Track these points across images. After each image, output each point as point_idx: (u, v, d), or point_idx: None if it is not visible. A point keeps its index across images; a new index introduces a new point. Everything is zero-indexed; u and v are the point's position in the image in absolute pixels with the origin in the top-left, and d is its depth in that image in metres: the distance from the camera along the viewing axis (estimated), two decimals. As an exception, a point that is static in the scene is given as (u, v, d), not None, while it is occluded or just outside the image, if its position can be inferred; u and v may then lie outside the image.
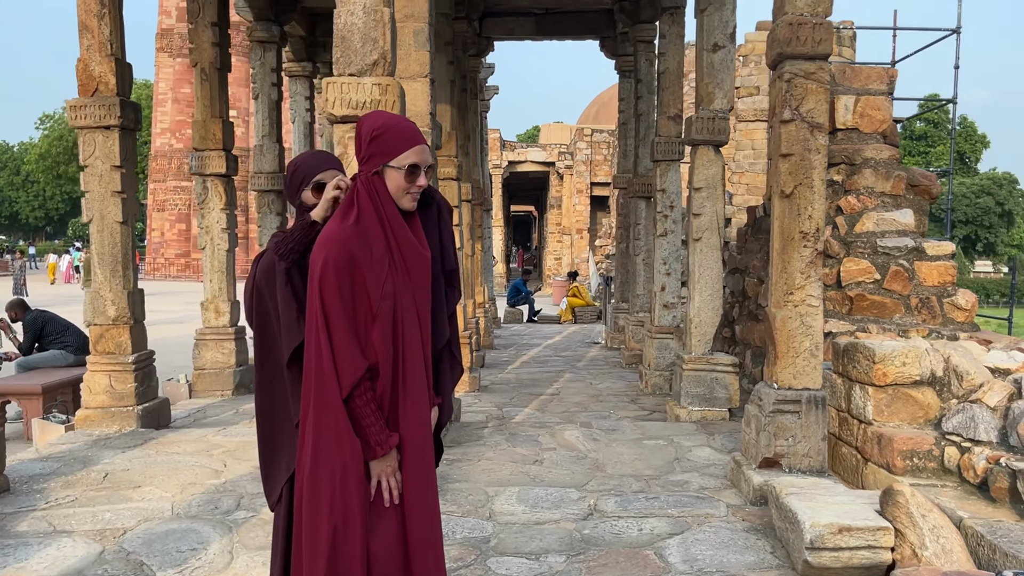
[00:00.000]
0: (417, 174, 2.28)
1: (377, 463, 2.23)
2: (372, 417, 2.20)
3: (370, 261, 2.20)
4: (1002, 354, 4.48)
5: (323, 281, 2.18)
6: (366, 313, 2.21)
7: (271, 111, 10.19)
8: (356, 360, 2.17)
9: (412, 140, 2.28)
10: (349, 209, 2.26)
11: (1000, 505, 3.71)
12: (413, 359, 2.27)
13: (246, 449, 5.81)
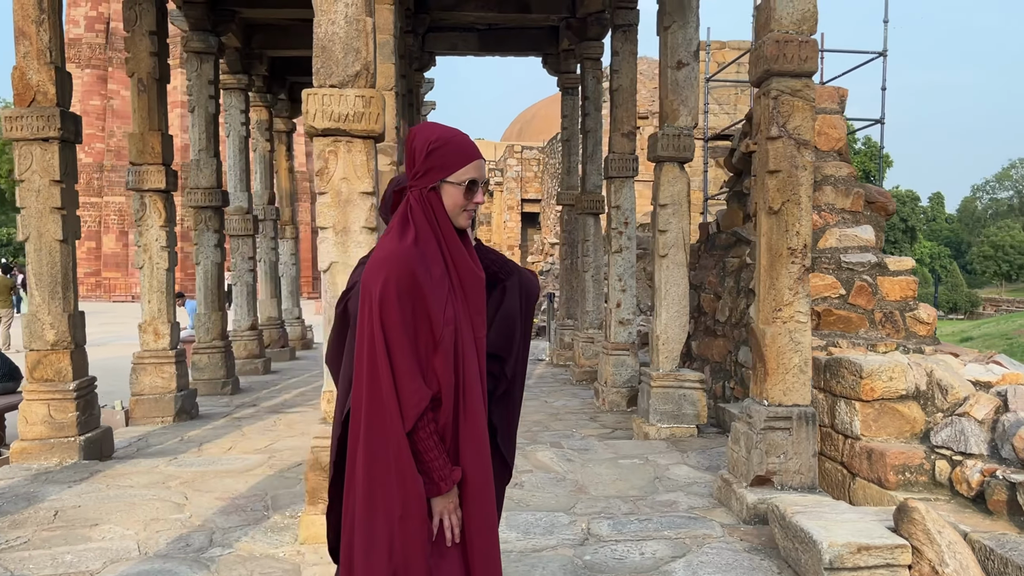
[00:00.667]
0: (475, 190, 2.17)
1: (440, 500, 2.07)
2: (436, 451, 2.04)
3: (431, 283, 2.05)
4: (980, 367, 4.58)
5: (384, 304, 2.00)
6: (427, 339, 2.05)
7: (208, 124, 9.83)
8: (420, 390, 2.01)
9: (472, 154, 2.16)
10: (405, 227, 2.10)
11: (998, 518, 3.76)
12: (473, 388, 2.12)
13: (205, 479, 5.50)
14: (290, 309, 14.96)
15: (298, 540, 4.22)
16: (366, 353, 2.05)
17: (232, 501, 4.99)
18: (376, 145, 4.39)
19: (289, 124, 15.12)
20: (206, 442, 6.86)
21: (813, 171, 4.42)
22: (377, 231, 4.37)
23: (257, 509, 4.83)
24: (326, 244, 4.27)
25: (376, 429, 2.01)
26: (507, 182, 27.97)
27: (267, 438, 7.03)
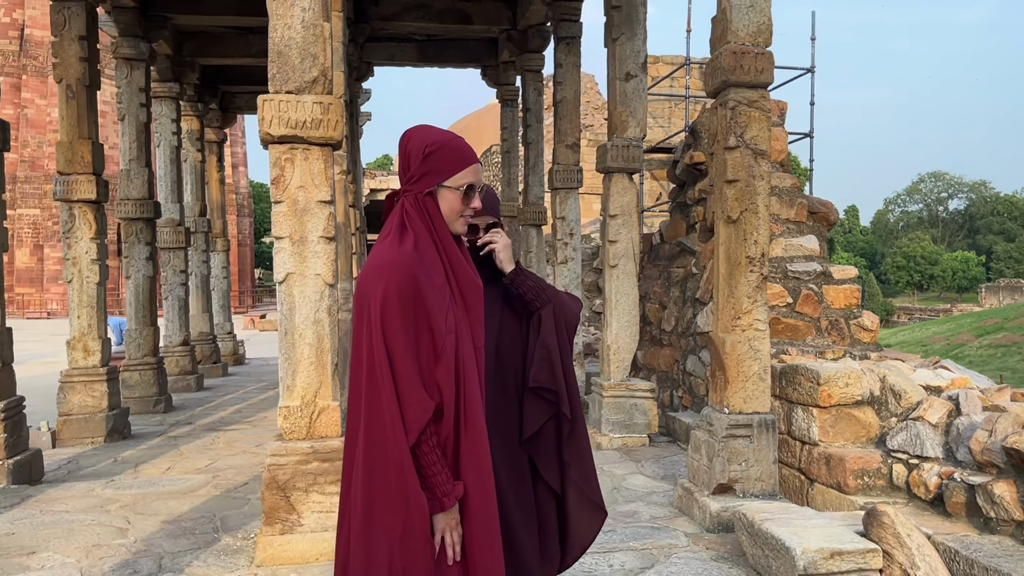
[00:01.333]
0: (473, 195, 2.10)
1: (443, 516, 1.97)
2: (439, 465, 1.95)
3: (433, 291, 1.97)
4: (929, 372, 4.71)
5: (385, 312, 1.91)
6: (429, 348, 1.96)
7: (139, 133, 9.49)
8: (424, 401, 1.92)
9: (469, 158, 2.09)
10: (403, 233, 2.01)
11: (957, 520, 3.85)
12: (473, 399, 2.04)
13: (147, 502, 5.25)
14: (222, 324, 14.54)
15: (254, 563, 4.05)
16: (365, 363, 1.96)
17: (178, 524, 4.77)
18: (333, 153, 4.27)
19: (220, 134, 14.77)
20: (142, 463, 6.57)
21: (769, 180, 4.48)
22: (335, 241, 4.26)
23: (206, 531, 4.62)
24: (282, 255, 4.13)
25: (376, 443, 1.92)
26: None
27: (207, 457, 6.78)
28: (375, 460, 1.92)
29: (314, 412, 4.15)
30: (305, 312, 4.13)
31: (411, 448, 1.91)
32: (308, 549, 4.04)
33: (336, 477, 4.10)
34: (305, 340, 4.14)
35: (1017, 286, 53.98)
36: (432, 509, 1.95)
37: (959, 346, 32.20)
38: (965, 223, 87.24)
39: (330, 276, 4.17)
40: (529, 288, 2.36)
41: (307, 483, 4.08)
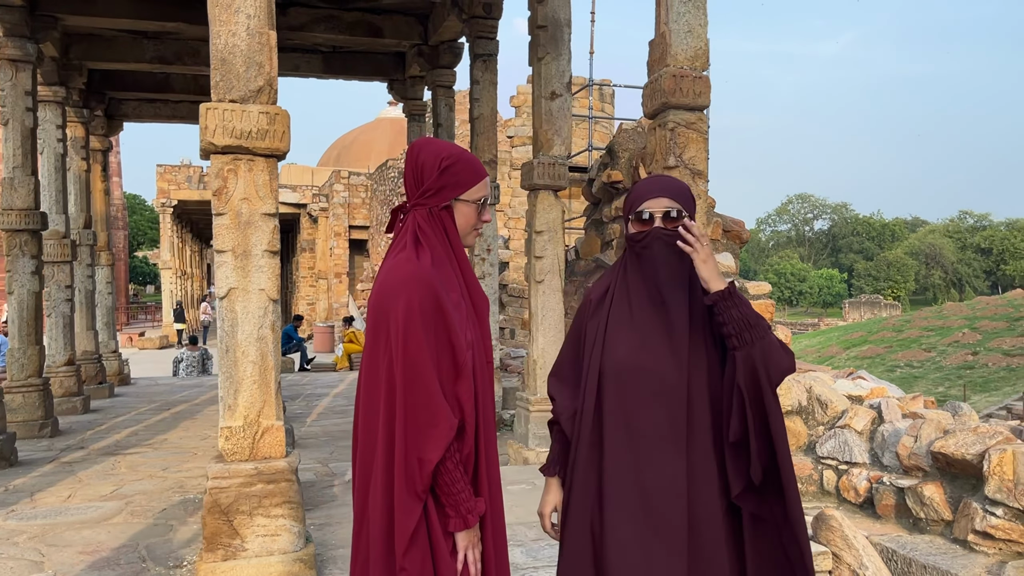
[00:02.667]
0: (485, 209, 2.12)
1: (465, 534, 1.95)
2: (462, 482, 1.93)
3: (452, 307, 1.96)
4: (848, 383, 4.99)
5: (409, 329, 1.88)
6: (449, 365, 1.94)
7: (25, 139, 8.90)
8: (450, 418, 1.90)
9: (483, 172, 2.11)
10: (418, 247, 1.99)
11: (887, 521, 4.09)
12: (489, 417, 2.04)
13: (58, 532, 4.91)
14: (106, 342, 13.75)
15: (195, 592, 3.85)
16: (385, 382, 1.92)
17: (98, 555, 4.48)
18: (278, 164, 4.15)
19: (106, 142, 14.03)
20: (38, 491, 6.14)
21: (706, 200, 4.66)
22: (278, 255, 4.14)
23: (132, 561, 4.36)
24: (224, 268, 3.97)
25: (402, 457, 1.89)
26: (333, 208, 27.37)
27: (110, 483, 6.40)
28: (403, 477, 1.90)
29: (257, 432, 4.00)
30: (248, 328, 3.98)
31: (436, 465, 1.89)
32: (253, 574, 3.87)
33: (283, 499, 3.96)
34: (248, 358, 3.98)
35: (876, 301, 57.83)
36: (455, 527, 1.93)
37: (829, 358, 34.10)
38: (829, 242, 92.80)
39: (274, 291, 4.04)
40: (733, 320, 1.89)
41: (251, 506, 3.92)
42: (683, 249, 1.94)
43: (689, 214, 2.06)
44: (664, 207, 2.03)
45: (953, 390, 25.54)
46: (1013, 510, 3.44)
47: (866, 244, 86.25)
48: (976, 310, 37.47)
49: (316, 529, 4.81)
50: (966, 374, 27.77)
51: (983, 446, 3.65)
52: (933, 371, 28.76)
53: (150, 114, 14.17)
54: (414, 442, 1.88)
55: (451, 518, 1.92)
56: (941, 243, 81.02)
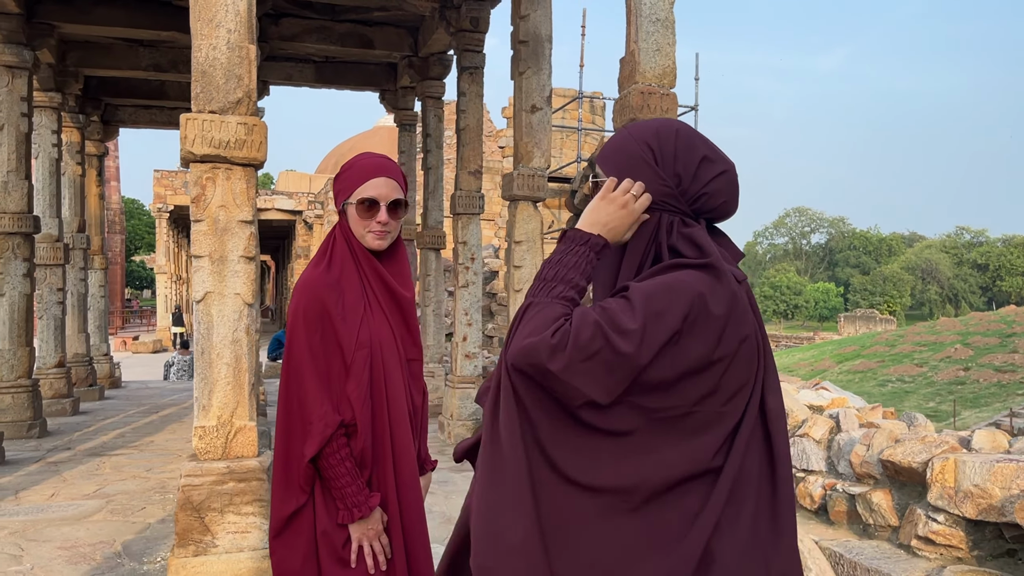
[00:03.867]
0: (376, 209, 2.11)
1: (357, 526, 2.07)
2: (348, 476, 2.04)
3: (342, 310, 2.07)
4: (811, 393, 5.12)
5: (293, 332, 2.05)
6: (339, 365, 2.07)
7: (19, 144, 9.05)
8: (326, 416, 2.02)
9: (368, 174, 2.12)
10: (323, 254, 2.14)
11: (839, 527, 4.21)
12: (399, 410, 2.15)
13: (38, 528, 5.03)
14: (98, 345, 13.87)
15: (166, 586, 3.97)
16: (282, 381, 2.08)
17: (76, 550, 4.60)
18: (256, 173, 4.29)
19: (101, 148, 14.19)
20: (22, 489, 6.25)
21: (672, 213, 4.80)
22: (255, 260, 4.27)
23: (108, 557, 4.48)
24: (201, 273, 4.11)
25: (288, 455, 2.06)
26: (328, 215, 27.54)
27: (94, 483, 6.51)
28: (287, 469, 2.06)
29: (230, 432, 4.13)
30: (223, 331, 4.12)
31: (312, 460, 2.02)
32: (223, 570, 3.99)
33: (253, 497, 4.09)
34: (223, 359, 4.12)
35: (871, 316, 57.94)
36: (343, 519, 2.05)
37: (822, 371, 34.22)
38: (826, 256, 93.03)
39: (250, 296, 4.18)
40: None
41: (223, 503, 4.05)
42: None
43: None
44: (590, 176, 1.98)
45: (944, 405, 25.64)
46: (953, 516, 3.57)
47: (863, 258, 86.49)
48: (969, 326, 37.59)
49: (290, 529, 4.93)
50: (957, 389, 27.87)
51: (929, 455, 3.78)
52: (924, 386, 28.87)
53: (146, 120, 14.33)
54: (293, 438, 2.03)
55: (340, 510, 2.05)
56: (937, 258, 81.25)
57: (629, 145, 1.58)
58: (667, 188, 1.52)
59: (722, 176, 1.54)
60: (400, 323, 2.20)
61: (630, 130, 1.61)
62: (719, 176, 1.54)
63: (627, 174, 1.55)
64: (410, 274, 2.30)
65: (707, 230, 1.57)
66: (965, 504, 3.50)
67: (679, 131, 1.57)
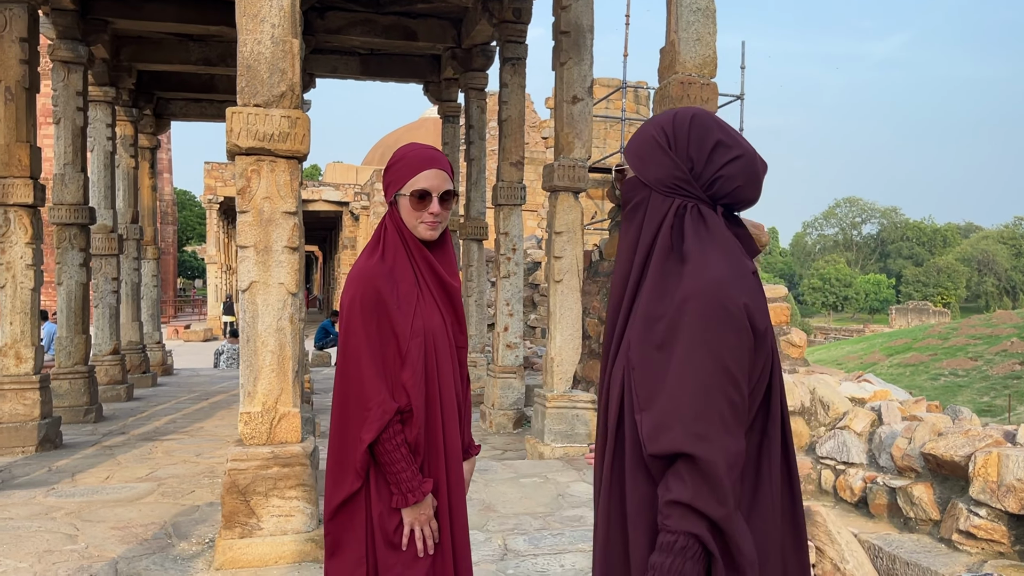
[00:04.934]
0: (428, 200, 2.14)
1: (410, 511, 2.11)
2: (403, 463, 2.09)
3: (397, 298, 2.12)
4: (854, 385, 5.07)
5: (349, 322, 2.10)
6: (395, 353, 2.11)
7: (75, 137, 9.33)
8: (384, 403, 2.07)
9: (420, 165, 2.16)
10: (375, 244, 2.19)
11: (879, 520, 4.18)
12: (449, 398, 2.20)
13: (93, 509, 5.21)
14: (151, 333, 14.23)
15: (213, 566, 4.10)
16: (339, 369, 2.14)
17: (129, 530, 4.76)
18: (300, 166, 4.38)
19: (154, 140, 14.52)
20: (79, 472, 6.48)
21: (712, 204, 4.78)
22: (299, 251, 4.37)
23: (160, 537, 4.64)
24: (247, 263, 4.21)
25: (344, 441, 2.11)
26: (374, 206, 27.83)
27: (146, 467, 6.72)
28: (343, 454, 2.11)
29: (275, 418, 4.24)
30: (268, 320, 4.22)
31: (369, 446, 2.07)
32: (268, 552, 4.11)
33: (297, 482, 4.20)
34: (267, 347, 4.22)
35: (924, 308, 56.59)
36: (397, 503, 2.09)
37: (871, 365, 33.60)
38: (877, 247, 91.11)
39: (293, 285, 4.28)
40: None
41: (267, 487, 4.16)
42: None
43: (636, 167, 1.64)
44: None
45: (999, 400, 25.01)
46: (995, 511, 3.51)
47: (916, 249, 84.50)
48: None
49: (333, 513, 5.05)
50: (1013, 384, 27.14)
51: (972, 448, 3.72)
52: (979, 380, 28.17)
53: (196, 113, 14.64)
54: (350, 424, 2.08)
55: (394, 495, 2.10)
56: (995, 249, 79.03)
57: (647, 131, 1.63)
58: (680, 172, 1.54)
59: (738, 160, 1.53)
60: (450, 311, 2.25)
61: (653, 118, 1.65)
62: (734, 160, 1.53)
63: (643, 159, 1.59)
64: (456, 263, 2.34)
65: (727, 218, 1.58)
66: (1008, 498, 3.45)
67: (695, 116, 1.58)
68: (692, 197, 1.55)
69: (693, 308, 1.43)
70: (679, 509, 1.37)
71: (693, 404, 1.39)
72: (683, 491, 1.36)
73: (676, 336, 1.44)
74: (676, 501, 1.37)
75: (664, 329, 1.45)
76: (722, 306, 1.43)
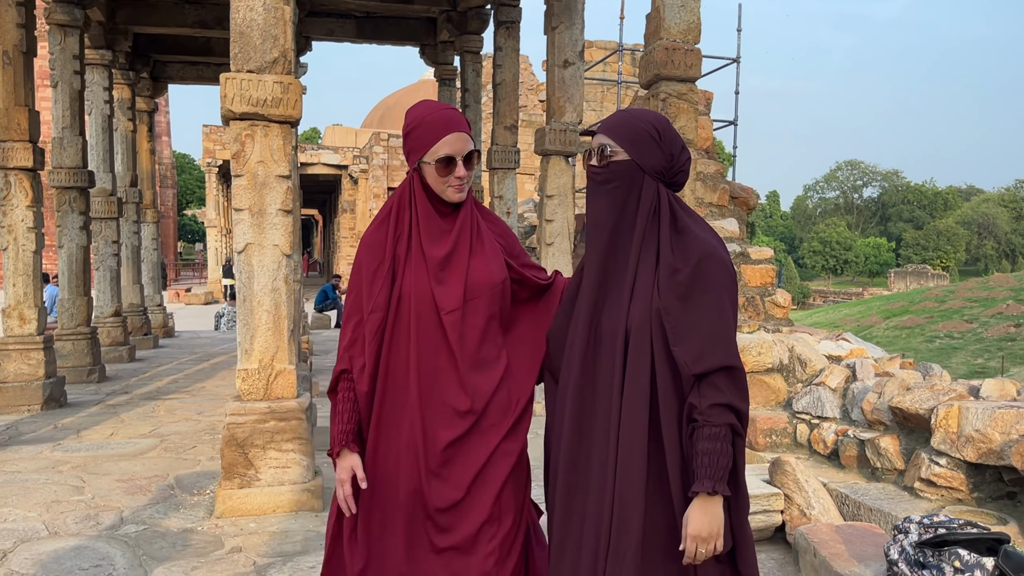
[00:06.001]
0: (453, 166, 2.14)
1: (337, 463, 2.18)
2: (345, 415, 2.18)
3: (373, 272, 2.19)
4: (831, 344, 5.23)
5: (349, 284, 2.25)
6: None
7: (73, 101, 9.40)
8: (342, 359, 2.20)
9: (443, 129, 2.15)
10: (384, 212, 2.25)
11: (849, 471, 4.37)
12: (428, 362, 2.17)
13: (98, 463, 5.42)
14: (151, 296, 14.41)
15: (214, 514, 4.30)
16: None
17: (133, 482, 4.97)
18: (293, 130, 4.50)
19: (151, 104, 14.56)
20: (84, 429, 6.68)
21: (695, 167, 4.90)
22: (292, 214, 4.51)
23: (163, 489, 4.84)
24: (242, 226, 4.36)
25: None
26: (372, 170, 27.82)
27: (149, 424, 6.92)
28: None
29: (271, 375, 4.41)
30: (263, 280, 4.38)
31: (329, 391, 2.23)
32: (265, 502, 4.31)
33: (293, 435, 4.39)
34: (263, 307, 4.38)
35: (923, 271, 56.66)
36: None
37: (868, 327, 33.78)
38: (878, 210, 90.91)
39: (288, 247, 4.42)
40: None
41: (264, 440, 4.35)
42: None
43: (632, 153, 1.93)
44: (597, 144, 2.01)
45: (992, 362, 25.25)
46: (955, 460, 3.70)
47: (917, 213, 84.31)
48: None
49: (329, 467, 5.25)
50: (1007, 346, 27.33)
51: (935, 402, 3.89)
52: (973, 342, 28.39)
53: (193, 76, 14.66)
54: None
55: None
56: (995, 213, 78.87)
57: (638, 124, 1.98)
58: (666, 163, 1.97)
59: (689, 160, 2.04)
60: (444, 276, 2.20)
61: (633, 114, 2.03)
62: (688, 160, 2.03)
63: (638, 146, 1.95)
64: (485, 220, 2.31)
65: None
66: (966, 448, 3.63)
67: (669, 123, 2.05)
68: (664, 183, 1.97)
69: (708, 266, 1.86)
70: (719, 409, 1.81)
71: (726, 333, 1.86)
72: (721, 396, 1.82)
73: (698, 288, 1.86)
74: (717, 404, 1.81)
75: (685, 282, 1.86)
76: (725, 263, 1.90)
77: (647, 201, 1.94)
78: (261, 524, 4.18)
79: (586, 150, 2.08)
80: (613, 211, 1.97)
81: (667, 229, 1.92)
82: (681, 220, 1.94)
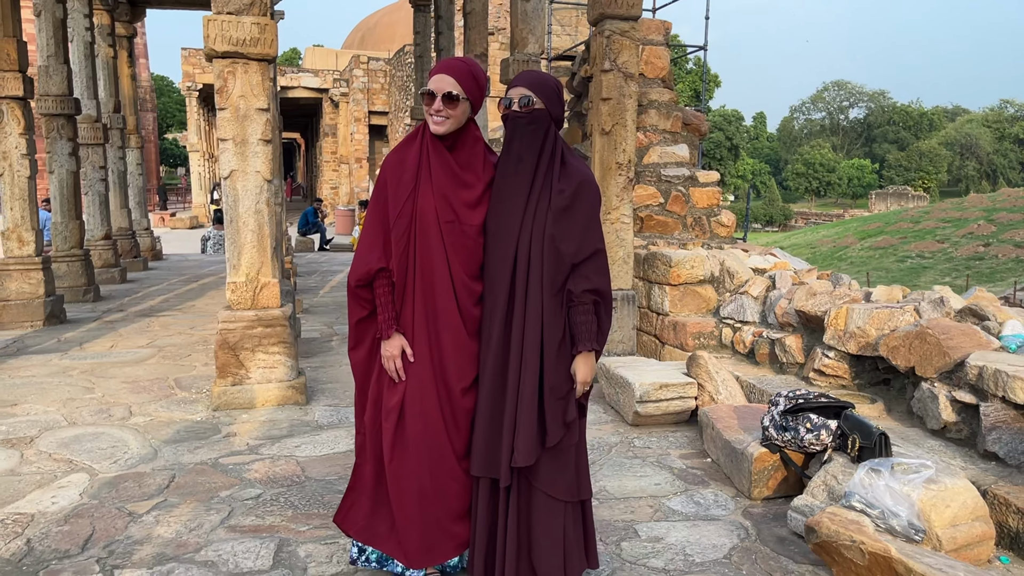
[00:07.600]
0: (431, 100, 2.56)
1: (385, 344, 2.72)
2: (381, 308, 2.72)
3: (398, 183, 2.68)
4: (759, 258, 5.85)
5: (371, 198, 2.79)
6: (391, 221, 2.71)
7: (56, 29, 9.69)
8: (367, 261, 2.69)
9: (434, 71, 2.67)
10: (409, 136, 2.76)
11: (763, 366, 5.04)
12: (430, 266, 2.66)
13: (104, 368, 6.03)
14: (139, 220, 14.85)
15: (211, 408, 4.94)
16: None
17: (137, 384, 5.59)
18: (271, 66, 4.97)
19: (130, 29, 14.69)
20: (86, 342, 7.26)
21: (637, 99, 5.41)
22: (272, 143, 5.02)
23: (163, 388, 5.47)
24: (227, 154, 4.87)
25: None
26: (353, 93, 27.91)
27: (146, 337, 7.51)
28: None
29: (257, 287, 4.99)
30: (247, 203, 4.91)
31: (358, 287, 2.76)
32: (256, 396, 4.95)
33: (279, 340, 5.00)
34: (248, 227, 4.93)
35: (903, 193, 57.18)
36: (380, 335, 2.77)
37: (844, 248, 34.53)
38: (863, 132, 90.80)
39: (268, 173, 4.95)
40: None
41: (253, 344, 4.96)
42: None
43: (546, 104, 2.58)
44: (520, 95, 2.61)
45: (959, 280, 26.08)
46: (841, 353, 4.35)
47: (902, 134, 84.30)
48: (997, 202, 37.24)
49: (313, 370, 5.89)
50: (975, 265, 28.12)
51: (831, 305, 4.53)
52: (943, 262, 29.18)
53: (171, 1, 14.76)
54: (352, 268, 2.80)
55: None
56: (978, 133, 78.99)
57: (549, 82, 2.66)
58: (561, 112, 2.66)
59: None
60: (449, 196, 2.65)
61: (542, 74, 2.70)
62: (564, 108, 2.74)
63: (551, 100, 2.62)
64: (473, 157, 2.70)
65: None
66: (850, 342, 4.28)
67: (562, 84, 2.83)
68: (558, 127, 2.65)
69: (586, 189, 2.58)
70: (586, 293, 2.51)
71: (598, 235, 2.58)
72: (588, 283, 2.51)
73: (578, 204, 2.54)
74: (586, 289, 2.51)
75: (568, 198, 2.53)
76: (594, 186, 2.64)
77: (551, 139, 2.61)
78: (252, 415, 4.82)
79: (503, 98, 2.67)
80: (535, 145, 2.58)
81: (558, 161, 2.61)
82: (566, 155, 2.64)
